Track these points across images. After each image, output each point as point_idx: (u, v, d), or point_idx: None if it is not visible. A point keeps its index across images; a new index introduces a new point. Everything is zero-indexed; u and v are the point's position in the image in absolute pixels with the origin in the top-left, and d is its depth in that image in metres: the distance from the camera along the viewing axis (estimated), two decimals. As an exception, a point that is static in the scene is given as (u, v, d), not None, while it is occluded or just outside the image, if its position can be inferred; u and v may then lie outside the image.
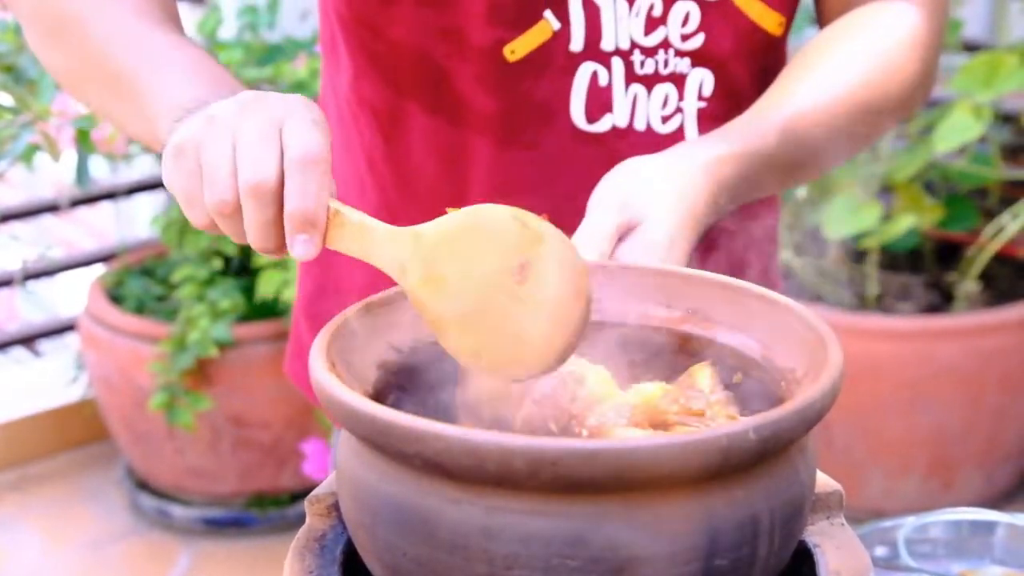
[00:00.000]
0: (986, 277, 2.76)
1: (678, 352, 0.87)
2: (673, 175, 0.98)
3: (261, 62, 2.68)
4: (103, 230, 3.89)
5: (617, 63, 1.11)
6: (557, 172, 1.12)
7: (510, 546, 0.69)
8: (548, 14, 1.09)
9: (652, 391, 0.82)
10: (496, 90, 1.10)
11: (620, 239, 0.95)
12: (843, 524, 0.81)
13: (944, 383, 2.57)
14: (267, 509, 2.77)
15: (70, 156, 2.32)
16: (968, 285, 2.72)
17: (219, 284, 2.69)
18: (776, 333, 0.83)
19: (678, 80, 1.12)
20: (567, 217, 1.08)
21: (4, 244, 3.28)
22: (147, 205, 3.34)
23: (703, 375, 0.84)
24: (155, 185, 3.17)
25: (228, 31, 2.87)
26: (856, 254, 2.84)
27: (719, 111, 1.13)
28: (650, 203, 0.96)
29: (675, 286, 0.88)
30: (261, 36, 2.81)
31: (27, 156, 2.31)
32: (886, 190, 2.78)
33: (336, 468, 0.79)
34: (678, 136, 1.13)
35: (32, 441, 3.01)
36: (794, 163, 1.08)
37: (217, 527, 2.76)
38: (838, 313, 2.62)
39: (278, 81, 2.63)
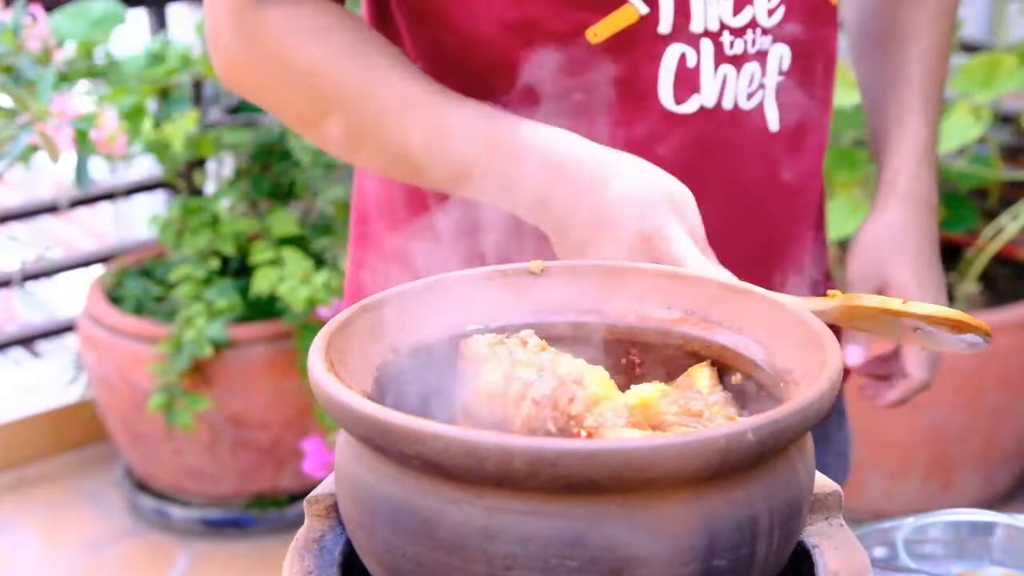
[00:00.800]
0: (985, 278, 2.76)
1: (677, 353, 0.87)
2: (905, 240, 1.27)
3: (260, 63, 2.67)
4: (102, 231, 3.90)
5: (706, 44, 1.10)
6: (644, 153, 1.10)
7: (509, 546, 0.69)
8: None
9: (651, 392, 0.81)
10: (579, 73, 1.09)
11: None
12: (842, 525, 0.81)
13: (943, 384, 2.55)
14: (266, 510, 2.77)
15: (69, 157, 2.33)
16: (967, 286, 2.72)
17: (216, 284, 2.69)
18: (775, 334, 0.83)
19: (762, 57, 1.13)
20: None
21: (3, 245, 3.29)
22: (146, 206, 3.34)
23: (702, 376, 0.84)
24: (154, 186, 3.17)
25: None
26: (855, 255, 2.83)
27: (792, 84, 1.15)
28: (895, 271, 1.26)
29: (674, 287, 0.88)
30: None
31: (26, 157, 2.31)
32: (885, 191, 2.77)
33: (335, 469, 0.79)
34: (759, 112, 1.14)
35: (31, 442, 3.01)
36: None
37: (216, 528, 2.77)
38: (837, 314, 2.61)
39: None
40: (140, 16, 3.16)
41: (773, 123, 1.15)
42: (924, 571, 1.11)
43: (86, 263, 3.15)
